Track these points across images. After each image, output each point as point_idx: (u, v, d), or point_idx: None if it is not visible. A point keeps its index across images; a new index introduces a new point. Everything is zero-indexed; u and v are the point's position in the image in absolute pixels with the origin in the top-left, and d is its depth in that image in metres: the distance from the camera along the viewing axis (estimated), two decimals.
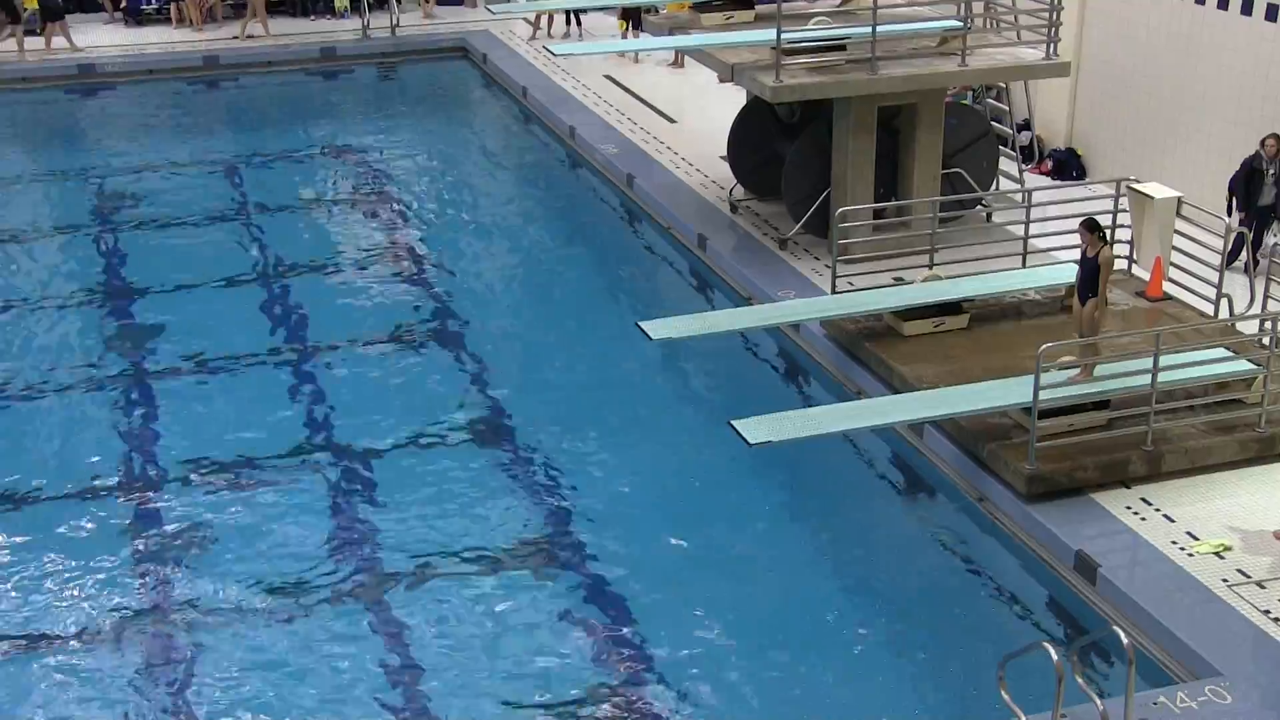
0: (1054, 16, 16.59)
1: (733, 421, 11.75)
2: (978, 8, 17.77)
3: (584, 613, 11.34)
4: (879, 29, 16.14)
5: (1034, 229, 15.65)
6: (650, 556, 12.00)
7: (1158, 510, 11.55)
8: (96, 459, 13.74)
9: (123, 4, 29.52)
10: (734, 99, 20.81)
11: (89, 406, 14.88)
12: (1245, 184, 15.79)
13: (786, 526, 12.60)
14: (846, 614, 11.35)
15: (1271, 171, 15.64)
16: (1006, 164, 18.87)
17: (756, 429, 11.65)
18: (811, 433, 11.88)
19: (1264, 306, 13.91)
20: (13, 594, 11.60)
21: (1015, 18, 17.56)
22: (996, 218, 18.00)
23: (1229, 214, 15.73)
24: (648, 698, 10.34)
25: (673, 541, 12.20)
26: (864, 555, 12.15)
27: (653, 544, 12.17)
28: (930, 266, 15.05)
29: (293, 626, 11.18)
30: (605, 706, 10.25)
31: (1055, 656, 8.58)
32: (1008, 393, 12.22)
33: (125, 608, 11.46)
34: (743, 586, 11.64)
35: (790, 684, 10.43)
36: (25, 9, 28.13)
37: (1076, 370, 12.32)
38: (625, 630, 11.09)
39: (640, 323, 13.97)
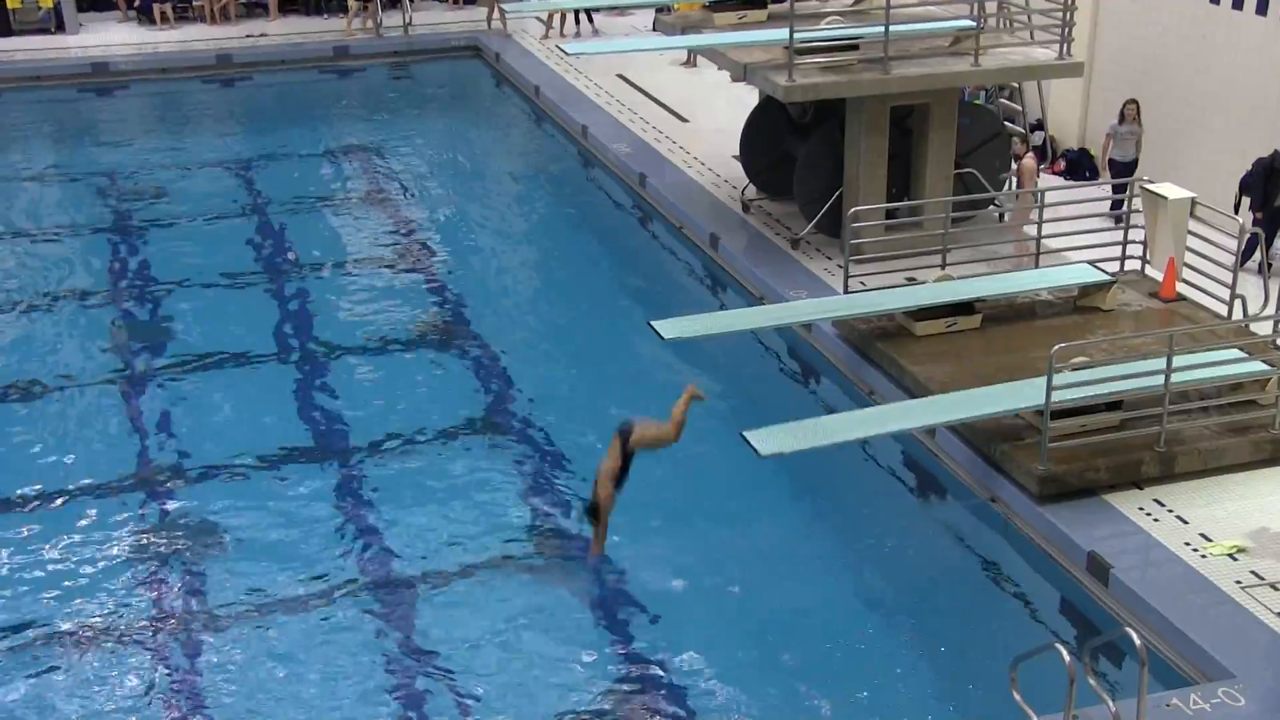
0: (1067, 16, 16.55)
1: (744, 432, 11.62)
2: (991, 7, 17.73)
3: (594, 613, 11.34)
4: (892, 29, 16.11)
5: (1047, 229, 15.64)
6: (659, 557, 11.97)
7: (1171, 511, 11.51)
8: (104, 457, 13.75)
9: (136, 3, 29.58)
10: (746, 98, 20.81)
11: (98, 403, 14.89)
12: (1263, 184, 15.72)
13: (798, 527, 12.58)
14: (857, 614, 11.33)
15: None
16: None
17: (768, 440, 11.53)
18: (823, 442, 11.76)
19: (1278, 307, 13.87)
20: (20, 593, 11.61)
21: (1028, 17, 17.53)
22: (1009, 218, 17.96)
23: (1236, 212, 15.67)
24: (655, 698, 10.33)
25: (682, 542, 12.17)
26: (875, 555, 12.13)
27: (661, 544, 12.14)
28: (943, 266, 15.03)
29: (300, 625, 11.18)
30: (613, 706, 10.24)
31: (1067, 658, 8.56)
32: (1019, 394, 12.18)
33: (132, 606, 11.47)
34: (753, 585, 11.62)
35: (800, 684, 10.40)
36: (40, 8, 28.22)
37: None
38: (633, 630, 11.08)
39: (652, 322, 13.95)
